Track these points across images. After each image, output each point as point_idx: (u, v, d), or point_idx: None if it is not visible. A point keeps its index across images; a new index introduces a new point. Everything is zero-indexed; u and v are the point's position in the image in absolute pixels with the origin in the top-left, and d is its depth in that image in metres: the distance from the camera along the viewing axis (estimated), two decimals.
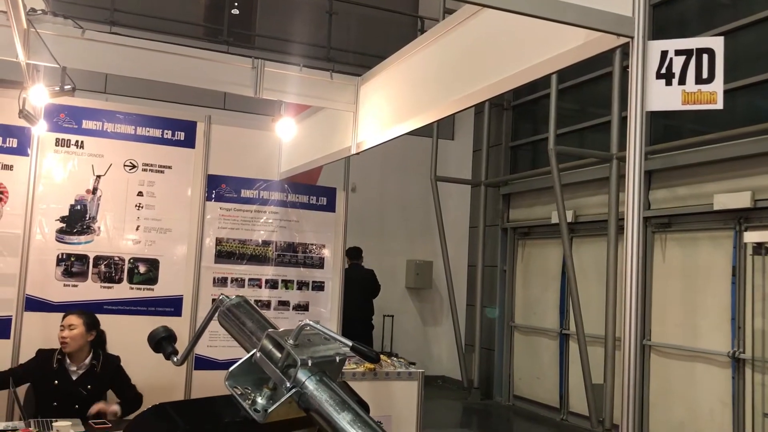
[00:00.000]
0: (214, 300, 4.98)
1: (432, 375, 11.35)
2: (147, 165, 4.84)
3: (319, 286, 5.26)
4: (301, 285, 5.21)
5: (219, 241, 4.99)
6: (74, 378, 3.98)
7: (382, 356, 4.55)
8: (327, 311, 5.27)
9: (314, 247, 5.26)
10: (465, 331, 10.62)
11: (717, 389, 6.77)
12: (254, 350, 1.28)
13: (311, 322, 1.27)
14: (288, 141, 4.98)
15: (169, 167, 4.89)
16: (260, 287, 5.09)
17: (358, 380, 4.21)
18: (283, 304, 5.14)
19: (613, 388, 7.43)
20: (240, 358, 1.28)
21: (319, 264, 5.27)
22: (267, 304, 5.09)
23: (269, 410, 1.21)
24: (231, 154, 5.07)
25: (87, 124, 4.72)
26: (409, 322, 11.39)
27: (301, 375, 1.21)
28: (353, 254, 9.83)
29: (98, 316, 4.60)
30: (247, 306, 1.40)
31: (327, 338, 1.28)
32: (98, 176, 4.72)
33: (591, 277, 8.30)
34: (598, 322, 7.73)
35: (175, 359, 1.44)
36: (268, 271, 5.11)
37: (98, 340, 4.13)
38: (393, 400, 4.29)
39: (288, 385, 1.21)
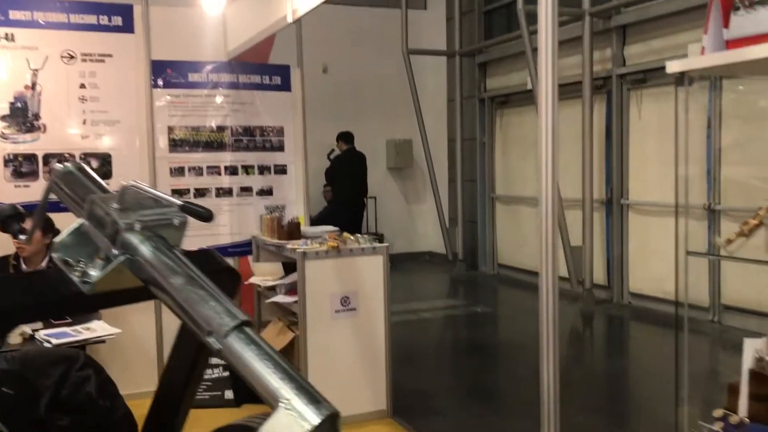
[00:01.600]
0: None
1: (419, 251, 11.48)
2: (86, 55, 4.59)
3: (281, 170, 5.14)
4: (263, 169, 5.08)
5: (171, 130, 4.82)
6: None
7: (345, 234, 4.49)
8: (292, 195, 5.18)
9: (272, 129, 5.09)
10: (448, 206, 10.62)
11: (693, 242, 6.79)
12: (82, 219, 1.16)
13: (136, 182, 1.15)
14: (229, 17, 4.72)
15: (110, 56, 4.64)
16: (220, 174, 4.96)
17: (322, 259, 4.17)
18: (246, 190, 5.03)
19: (591, 250, 7.48)
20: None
21: (279, 147, 5.12)
22: (229, 191, 4.98)
23: (94, 280, 1.10)
24: (174, 36, 4.81)
25: (15, 15, 4.43)
26: (392, 202, 11.37)
27: (132, 240, 1.10)
28: (348, 138, 9.70)
29: (54, 215, 4.50)
30: (77, 173, 1.27)
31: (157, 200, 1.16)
32: (35, 70, 4.48)
33: (569, 140, 8.17)
34: (578, 185, 7.67)
35: (22, 237, 1.33)
36: (226, 158, 4.96)
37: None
38: (359, 276, 4.27)
39: (115, 252, 1.10)
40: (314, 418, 0.95)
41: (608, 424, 4.38)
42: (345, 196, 9.56)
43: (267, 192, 5.10)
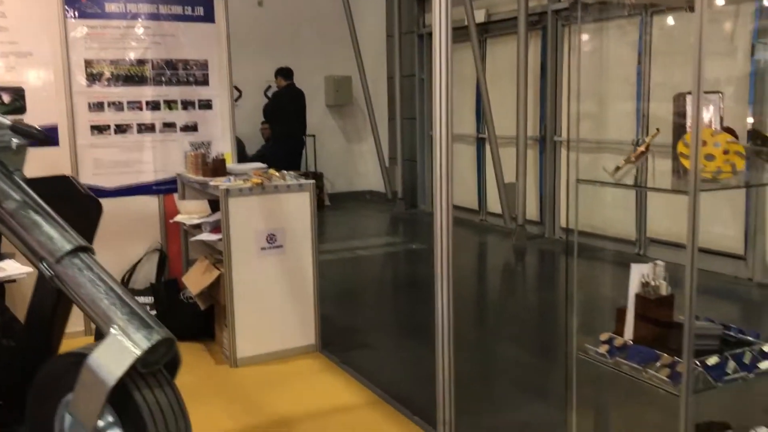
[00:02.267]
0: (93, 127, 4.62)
1: (360, 190, 11.46)
2: None
3: (206, 105, 4.99)
4: (187, 105, 4.93)
5: (88, 63, 4.61)
6: None
7: (271, 170, 4.42)
8: (218, 131, 5.05)
9: (196, 63, 4.92)
10: (388, 145, 10.57)
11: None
12: None
13: None
14: None
15: None
16: (141, 110, 4.80)
17: (246, 196, 4.10)
18: (169, 126, 4.88)
19: (524, 186, 7.58)
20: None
21: (203, 81, 4.96)
22: (151, 127, 4.83)
23: None
24: None
25: None
26: (332, 140, 11.26)
27: None
28: (287, 74, 9.49)
29: None
30: None
31: None
32: None
33: (506, 78, 8.16)
34: (514, 123, 7.70)
35: None
36: (147, 92, 4.79)
37: None
38: (285, 214, 4.22)
39: None
40: (144, 343, 0.92)
41: (527, 352, 4.51)
42: (283, 134, 9.43)
43: (191, 128, 4.96)
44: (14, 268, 3.42)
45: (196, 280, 4.39)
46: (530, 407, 3.61)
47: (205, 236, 4.33)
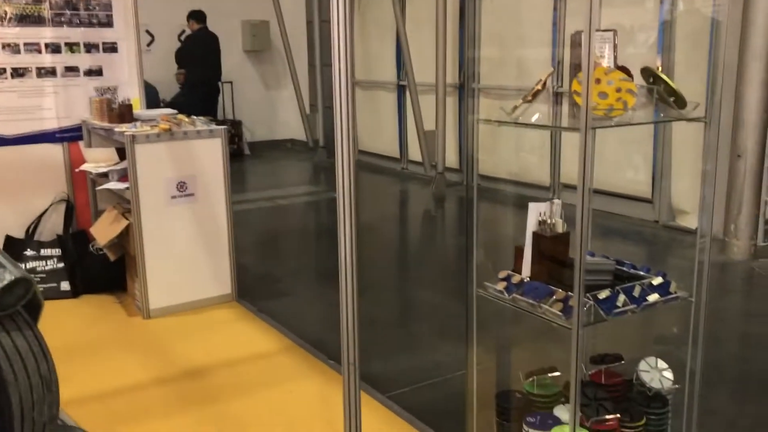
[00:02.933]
0: None
1: (280, 139, 11.29)
2: None
3: (111, 48, 4.76)
4: (90, 47, 4.68)
5: None
6: None
7: (180, 116, 4.27)
8: (125, 75, 4.83)
9: (98, 3, 4.66)
10: (309, 92, 10.41)
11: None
12: None
13: None
14: None
15: None
16: (40, 52, 4.53)
17: (153, 142, 3.96)
18: (72, 70, 4.63)
19: (444, 134, 7.61)
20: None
21: (107, 23, 4.71)
22: (52, 71, 4.57)
23: None
24: None
25: None
26: (250, 87, 10.99)
27: None
28: (200, 17, 9.14)
29: None
30: None
31: None
32: None
33: (427, 24, 8.10)
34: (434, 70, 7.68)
35: None
36: (46, 33, 4.52)
37: None
38: (196, 161, 4.11)
39: None
40: None
41: (442, 295, 4.59)
42: (197, 80, 9.14)
43: (96, 72, 4.73)
44: None
45: (104, 231, 4.25)
46: (444, 347, 3.69)
47: (113, 185, 4.17)
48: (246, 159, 10.41)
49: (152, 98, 9.60)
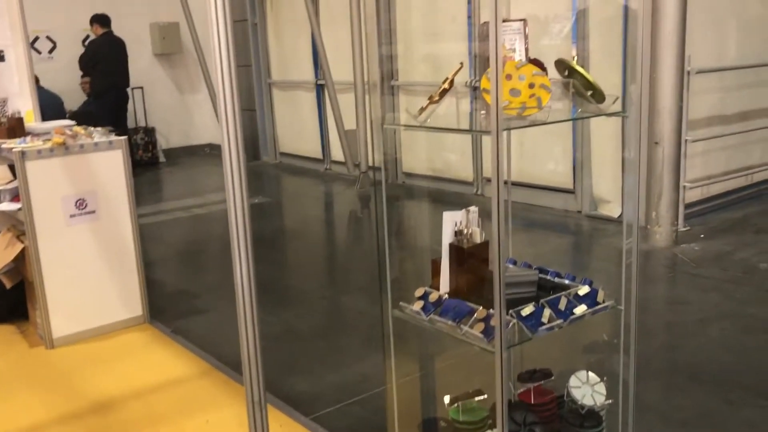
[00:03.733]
0: None
1: (198, 144, 10.89)
2: None
3: None
4: None
5: None
6: None
7: (76, 128, 3.95)
8: (15, 86, 4.47)
9: None
10: None
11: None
12: None
13: None
14: None
15: None
16: None
17: (47, 158, 3.64)
18: None
19: (365, 132, 7.45)
20: None
21: None
22: None
23: None
24: None
25: None
26: (162, 92, 10.55)
27: None
28: (104, 21, 8.68)
29: None
30: None
31: None
32: None
33: (342, 21, 7.91)
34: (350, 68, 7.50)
35: None
36: None
37: None
38: (95, 175, 3.81)
39: None
40: None
41: (369, 302, 4.42)
42: (105, 87, 8.70)
43: None
44: None
45: None
46: (372, 358, 3.52)
47: (4, 206, 3.83)
48: (161, 167, 10.01)
49: (57, 109, 9.09)
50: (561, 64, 1.68)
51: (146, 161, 10.02)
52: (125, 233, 3.96)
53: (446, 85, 1.67)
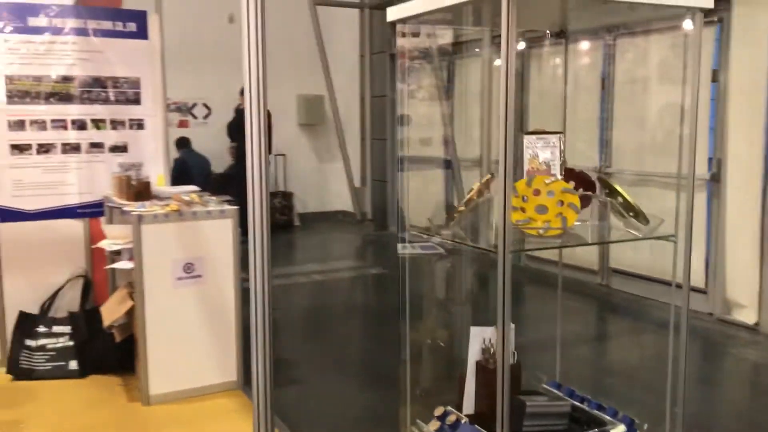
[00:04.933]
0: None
1: (332, 210, 11.23)
2: None
3: (137, 125, 4.77)
4: (116, 124, 4.70)
5: (10, 80, 4.39)
6: None
7: (193, 195, 4.18)
8: (150, 152, 4.82)
9: (126, 80, 4.70)
10: (360, 165, 10.37)
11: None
12: None
13: None
14: None
15: None
16: (66, 129, 4.57)
17: (161, 222, 3.86)
18: (97, 146, 4.65)
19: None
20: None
21: (135, 100, 4.74)
22: (77, 147, 4.59)
23: None
24: None
25: None
26: (303, 159, 11.04)
27: None
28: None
29: None
30: None
31: None
32: None
33: (474, 100, 7.96)
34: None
35: None
36: (73, 111, 4.56)
37: None
38: (204, 242, 3.99)
39: None
40: None
41: None
42: (245, 152, 9.21)
43: (121, 149, 4.73)
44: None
45: (110, 310, 4.14)
46: None
47: (121, 264, 4.08)
48: (295, 230, 10.37)
49: (204, 169, 9.76)
50: (602, 183, 1.55)
51: (282, 224, 10.44)
52: (227, 299, 4.09)
53: (473, 195, 1.58)
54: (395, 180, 9.93)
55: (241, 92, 9.41)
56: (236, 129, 9.39)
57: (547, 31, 2.72)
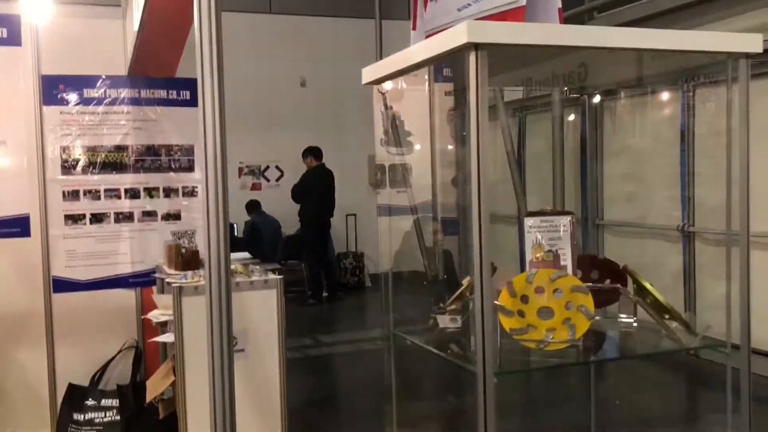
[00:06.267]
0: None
1: (404, 270, 10.97)
2: None
3: (190, 192, 4.72)
4: (169, 192, 4.67)
5: (64, 150, 4.44)
6: None
7: (238, 265, 4.04)
8: (204, 218, 4.73)
9: (180, 148, 4.68)
10: (432, 224, 10.13)
11: (670, 263, 6.23)
12: None
13: None
14: (128, 28, 4.33)
15: None
16: (120, 198, 4.56)
17: (202, 294, 3.71)
18: (149, 214, 4.61)
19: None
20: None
21: (189, 167, 4.70)
22: (129, 216, 4.57)
23: None
24: (67, 49, 4.43)
25: None
26: (374, 219, 10.89)
27: None
28: (317, 154, 9.32)
29: None
30: None
31: None
32: None
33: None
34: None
35: None
36: (126, 180, 4.56)
37: None
38: (248, 314, 3.82)
39: None
40: None
41: None
42: (309, 216, 9.15)
43: (175, 216, 4.68)
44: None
45: (154, 385, 4.01)
46: None
47: (164, 337, 3.95)
48: (366, 291, 10.18)
49: (275, 232, 9.75)
50: (631, 276, 1.25)
51: (353, 285, 10.28)
52: (271, 374, 3.87)
53: (465, 290, 1.31)
54: (467, 239, 9.64)
55: (305, 154, 9.39)
56: (299, 193, 9.35)
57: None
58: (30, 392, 4.40)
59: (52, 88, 4.39)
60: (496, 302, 1.18)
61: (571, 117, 7.13)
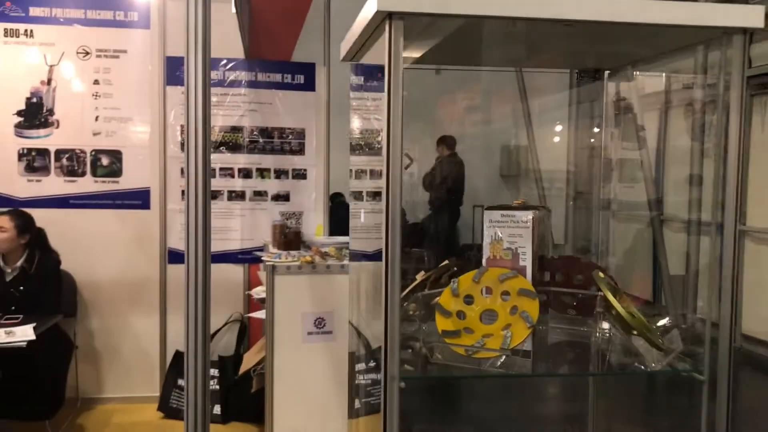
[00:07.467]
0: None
1: None
2: (101, 51, 4.54)
3: (300, 175, 4.80)
4: (280, 173, 4.78)
5: (183, 129, 4.64)
6: (8, 279, 3.91)
7: (330, 248, 4.05)
8: (311, 201, 4.82)
9: (292, 131, 4.77)
10: (564, 222, 9.75)
11: None
12: None
13: None
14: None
15: (124, 51, 4.57)
16: (233, 177, 4.72)
17: (293, 274, 3.78)
18: (260, 194, 4.75)
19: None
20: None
21: (299, 150, 4.79)
22: (241, 195, 4.73)
23: None
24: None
25: (35, 11, 4.48)
26: None
27: None
28: (450, 143, 9.27)
29: (65, 210, 4.51)
30: None
31: None
32: (51, 66, 4.51)
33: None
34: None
35: None
36: (240, 160, 4.72)
37: (35, 241, 4.00)
38: (339, 296, 3.83)
39: None
40: None
41: None
42: (437, 204, 9.08)
43: (284, 197, 4.79)
44: (23, 333, 3.40)
45: (249, 359, 4.13)
46: None
47: (260, 313, 4.06)
48: None
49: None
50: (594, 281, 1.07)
51: None
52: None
53: (425, 280, 1.18)
54: (599, 238, 9.17)
55: (439, 143, 9.29)
56: (429, 182, 9.29)
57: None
58: (143, 357, 4.68)
59: (175, 69, 4.61)
60: (435, 301, 1.07)
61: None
